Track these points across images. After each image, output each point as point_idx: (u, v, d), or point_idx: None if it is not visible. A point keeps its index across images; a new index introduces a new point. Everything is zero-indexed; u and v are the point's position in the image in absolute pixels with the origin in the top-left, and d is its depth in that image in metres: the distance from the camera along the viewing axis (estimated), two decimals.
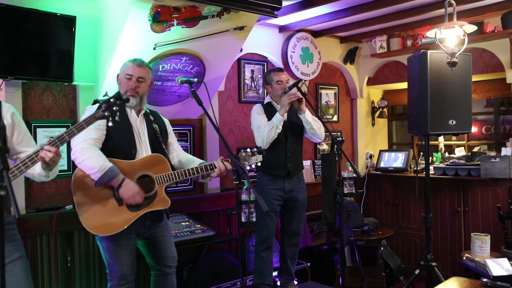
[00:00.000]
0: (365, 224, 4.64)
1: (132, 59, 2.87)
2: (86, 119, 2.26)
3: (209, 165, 2.81)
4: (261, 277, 3.74)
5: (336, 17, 4.41)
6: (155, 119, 2.98)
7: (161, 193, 2.77)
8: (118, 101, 2.30)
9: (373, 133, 6.12)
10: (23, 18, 3.11)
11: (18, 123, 2.35)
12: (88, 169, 2.58)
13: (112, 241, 2.70)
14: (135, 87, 2.77)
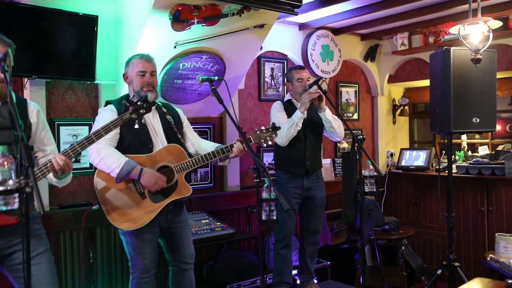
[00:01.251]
0: (386, 223, 4.59)
1: (138, 55, 2.89)
2: (114, 121, 2.32)
3: (224, 147, 2.81)
4: (280, 275, 3.73)
5: (356, 14, 4.37)
6: (168, 110, 3.00)
7: (182, 181, 2.79)
8: (145, 104, 2.36)
9: (394, 131, 6.05)
10: (47, 18, 3.16)
11: (42, 121, 2.40)
12: (106, 168, 2.61)
13: (135, 235, 2.73)
14: (151, 81, 2.80)
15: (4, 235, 2.14)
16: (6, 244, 2.17)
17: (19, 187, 1.71)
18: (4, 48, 2.15)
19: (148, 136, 2.80)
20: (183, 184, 2.80)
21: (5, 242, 2.16)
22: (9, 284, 3.08)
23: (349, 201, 3.36)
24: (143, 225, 2.67)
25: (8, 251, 2.18)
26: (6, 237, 2.15)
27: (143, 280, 2.80)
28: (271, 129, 2.88)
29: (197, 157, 2.80)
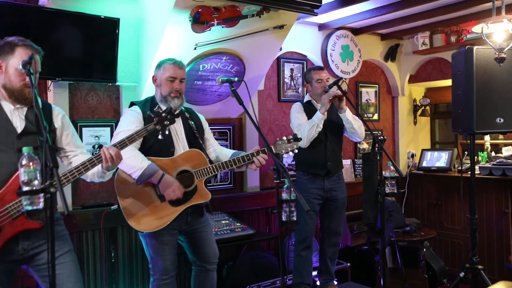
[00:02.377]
0: (407, 224, 4.54)
1: (171, 60, 2.89)
2: (138, 132, 2.37)
3: (245, 155, 2.81)
4: (300, 277, 3.73)
5: (376, 14, 4.33)
6: (191, 115, 3.02)
7: (201, 187, 2.80)
8: (169, 116, 2.39)
9: (415, 132, 5.98)
10: (70, 21, 3.21)
11: (67, 125, 2.44)
12: (128, 169, 2.64)
13: (155, 237, 2.76)
14: (180, 88, 2.81)
15: (29, 236, 2.18)
16: (32, 245, 2.21)
17: (44, 187, 1.74)
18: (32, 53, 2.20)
19: (170, 140, 2.82)
20: (202, 190, 2.81)
21: (30, 243, 2.21)
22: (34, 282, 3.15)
23: (369, 202, 3.34)
24: (161, 228, 2.69)
25: (34, 251, 2.23)
26: (31, 239, 2.20)
27: (164, 282, 2.82)
28: (292, 140, 2.86)
29: (217, 163, 2.81)
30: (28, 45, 2.23)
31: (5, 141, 2.17)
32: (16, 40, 2.22)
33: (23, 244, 2.19)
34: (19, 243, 2.18)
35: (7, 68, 2.20)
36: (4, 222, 2.09)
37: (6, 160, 2.14)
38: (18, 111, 2.25)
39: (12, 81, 2.19)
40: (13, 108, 2.24)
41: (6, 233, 2.10)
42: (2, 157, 2.15)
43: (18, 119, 2.23)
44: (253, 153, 2.80)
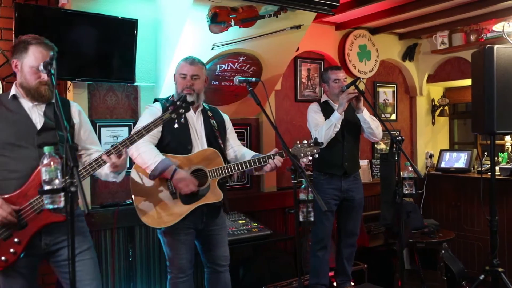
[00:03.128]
0: (425, 226, 4.49)
1: (184, 57, 2.91)
2: (154, 121, 2.36)
3: (262, 158, 2.80)
4: (317, 277, 3.72)
5: (394, 13, 4.30)
6: (214, 115, 3.01)
7: (214, 186, 2.81)
8: (184, 104, 2.40)
9: (433, 132, 5.91)
10: (89, 22, 3.25)
11: (84, 121, 2.47)
12: (143, 163, 2.67)
13: (172, 235, 2.78)
14: (190, 85, 2.82)
15: (51, 232, 2.22)
16: (53, 241, 2.25)
17: (64, 186, 1.77)
18: (46, 51, 2.23)
19: (188, 138, 2.84)
20: (215, 190, 2.81)
21: (53, 238, 2.24)
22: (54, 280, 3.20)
23: (387, 203, 3.31)
24: (172, 224, 2.71)
25: (55, 247, 2.27)
26: (53, 234, 2.23)
27: (180, 280, 2.84)
28: (313, 144, 2.84)
29: (232, 164, 2.81)
30: (42, 43, 2.24)
31: (26, 137, 2.21)
32: (29, 38, 2.24)
33: (45, 239, 2.23)
34: (42, 238, 2.22)
35: (22, 67, 2.24)
36: (29, 217, 2.14)
37: (28, 156, 2.19)
38: (37, 107, 2.29)
39: (27, 80, 2.23)
40: (31, 105, 2.28)
41: (32, 227, 2.15)
42: (23, 153, 2.19)
43: (37, 115, 2.27)
44: (270, 155, 2.79)
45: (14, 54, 2.25)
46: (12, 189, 2.17)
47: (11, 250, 2.13)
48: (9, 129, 2.20)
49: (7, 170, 2.19)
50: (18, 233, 2.14)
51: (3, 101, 2.26)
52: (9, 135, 2.19)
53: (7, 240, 2.13)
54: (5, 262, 2.14)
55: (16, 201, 2.14)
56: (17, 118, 2.23)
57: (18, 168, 2.18)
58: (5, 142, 2.19)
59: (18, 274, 2.21)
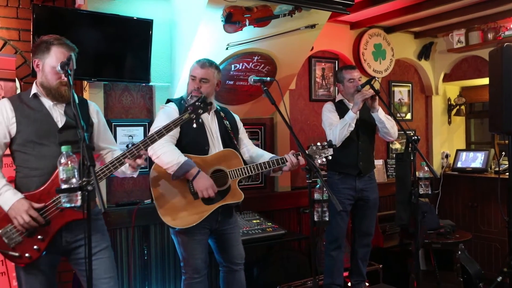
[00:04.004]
0: (441, 226, 4.44)
1: (197, 60, 2.92)
2: (174, 121, 2.39)
3: (280, 159, 2.82)
4: (331, 277, 3.70)
5: (410, 12, 4.26)
6: (226, 115, 3.03)
7: (235, 187, 2.82)
8: (202, 104, 2.42)
9: (449, 132, 5.85)
10: (105, 23, 3.28)
11: (101, 121, 2.50)
12: (165, 164, 2.67)
13: (187, 235, 2.78)
14: (198, 87, 2.83)
15: (71, 229, 2.25)
16: (73, 238, 2.28)
17: (81, 185, 1.79)
18: (68, 52, 2.25)
19: (205, 138, 2.85)
20: (236, 190, 2.83)
21: (73, 236, 2.27)
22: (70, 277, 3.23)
23: (402, 203, 3.29)
24: (192, 226, 2.71)
25: (74, 245, 2.29)
26: (72, 232, 2.26)
27: (195, 281, 2.84)
28: (327, 146, 2.85)
29: (252, 165, 2.82)
30: (63, 44, 2.27)
31: (48, 135, 2.24)
32: (51, 39, 2.27)
33: (66, 237, 2.26)
34: (62, 236, 2.25)
35: (43, 67, 2.27)
36: (53, 214, 2.17)
37: (50, 154, 2.21)
38: (57, 106, 2.32)
39: (48, 80, 2.26)
40: (52, 104, 2.31)
41: (55, 224, 2.18)
42: (45, 150, 2.22)
43: (58, 114, 2.30)
44: (289, 155, 2.79)
45: (35, 54, 2.29)
46: (33, 187, 2.20)
47: (34, 247, 2.17)
48: (31, 126, 2.23)
49: (28, 167, 2.23)
50: (42, 230, 2.17)
51: (24, 99, 2.29)
52: (31, 133, 2.23)
53: (31, 237, 2.16)
54: (29, 258, 2.17)
55: (40, 198, 2.17)
56: (38, 116, 2.26)
57: (40, 165, 2.21)
58: (27, 139, 2.22)
59: (38, 271, 2.24)
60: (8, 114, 2.23)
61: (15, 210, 2.10)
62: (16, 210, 2.10)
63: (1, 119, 2.23)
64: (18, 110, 2.24)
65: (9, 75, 2.92)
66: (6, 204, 2.13)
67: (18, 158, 2.26)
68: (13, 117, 2.23)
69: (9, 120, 2.23)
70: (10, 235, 2.15)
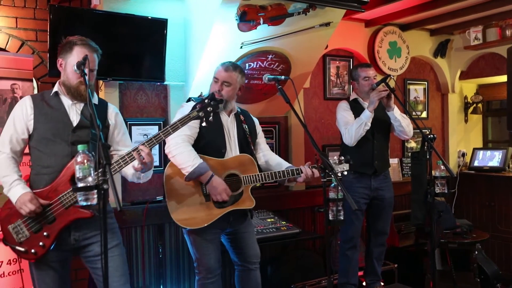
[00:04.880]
0: (457, 226, 4.39)
1: (223, 62, 2.92)
2: (181, 119, 2.35)
3: (295, 169, 2.81)
4: (346, 276, 3.68)
5: (426, 9, 4.21)
6: (246, 119, 3.02)
7: (247, 193, 2.82)
8: (212, 102, 2.38)
9: (466, 130, 5.77)
10: (120, 22, 3.30)
11: (120, 123, 2.52)
12: (180, 164, 2.68)
13: (198, 235, 2.79)
14: (218, 90, 2.83)
15: (80, 227, 2.28)
16: (82, 236, 2.31)
17: (97, 183, 1.81)
18: (90, 53, 2.29)
19: (223, 141, 2.85)
20: (248, 196, 2.83)
21: (81, 234, 2.30)
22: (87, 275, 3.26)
23: (418, 202, 3.26)
24: (201, 227, 2.72)
25: (84, 243, 2.32)
26: (82, 230, 2.29)
27: (209, 281, 2.84)
28: (344, 161, 2.83)
29: (267, 172, 2.82)
30: (86, 44, 2.32)
31: (61, 134, 2.28)
32: (75, 39, 2.32)
33: (74, 235, 2.29)
34: (71, 234, 2.28)
35: (66, 66, 2.32)
36: (58, 211, 2.21)
37: (60, 152, 2.26)
38: (76, 106, 2.35)
39: (69, 79, 2.30)
40: (71, 103, 2.35)
41: (60, 221, 2.22)
42: (57, 148, 2.26)
43: (74, 113, 2.34)
44: (304, 167, 2.78)
45: (60, 53, 2.35)
46: (43, 184, 2.25)
47: (40, 243, 2.21)
48: (47, 124, 2.28)
49: (40, 165, 2.28)
50: (47, 227, 2.21)
51: (45, 97, 2.35)
52: (46, 130, 2.28)
53: (37, 233, 2.22)
54: (35, 254, 2.22)
55: (47, 195, 2.22)
56: (56, 114, 2.31)
57: (51, 163, 2.26)
58: (42, 136, 2.28)
59: (49, 268, 2.28)
60: (27, 111, 2.29)
61: (20, 201, 2.17)
62: (21, 201, 2.17)
63: (21, 116, 2.30)
64: (38, 108, 2.30)
65: (27, 75, 2.97)
66: (14, 196, 2.20)
67: (33, 155, 2.32)
68: (31, 114, 2.29)
69: (28, 116, 2.29)
70: (19, 230, 2.23)
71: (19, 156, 2.35)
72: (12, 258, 2.84)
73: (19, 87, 2.93)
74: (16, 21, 3.24)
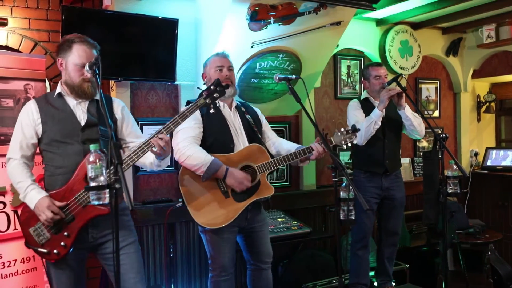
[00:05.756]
0: (470, 226, 4.36)
1: (213, 54, 2.92)
2: (189, 108, 2.34)
3: (306, 148, 2.78)
4: (357, 277, 3.67)
5: (438, 7, 4.17)
6: (247, 110, 3.02)
7: (264, 181, 2.80)
8: (218, 88, 2.36)
9: (479, 130, 5.72)
10: (131, 23, 3.32)
11: (127, 116, 2.52)
12: (193, 166, 2.66)
13: (215, 234, 2.78)
14: (229, 75, 2.83)
15: (97, 225, 2.29)
16: (99, 234, 2.32)
17: (109, 183, 1.82)
18: (89, 49, 2.29)
19: (229, 136, 2.83)
20: (265, 184, 2.81)
21: (98, 231, 2.31)
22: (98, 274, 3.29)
23: (430, 202, 3.24)
24: (227, 223, 2.70)
25: (101, 240, 2.33)
26: (98, 227, 2.30)
27: (223, 279, 2.84)
28: (351, 131, 2.81)
29: (279, 157, 2.79)
30: (84, 41, 2.31)
31: (71, 134, 2.29)
32: (73, 37, 2.32)
33: (92, 233, 2.30)
34: (89, 232, 2.30)
35: (66, 65, 2.32)
36: (76, 210, 2.22)
37: (72, 152, 2.27)
38: (81, 105, 2.36)
39: (71, 77, 2.30)
40: (75, 102, 2.35)
41: (79, 220, 2.23)
42: (68, 149, 2.28)
43: (81, 112, 2.35)
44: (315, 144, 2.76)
45: (59, 53, 2.34)
46: (58, 184, 2.26)
47: (62, 243, 2.23)
48: (55, 126, 2.29)
49: (54, 166, 2.29)
50: (67, 226, 2.23)
51: (49, 99, 2.35)
52: (55, 132, 2.29)
53: (58, 234, 2.23)
54: (57, 255, 2.24)
55: (63, 196, 2.23)
56: (63, 116, 2.31)
57: (64, 163, 2.27)
58: (52, 139, 2.29)
59: (67, 266, 2.30)
60: (34, 115, 2.30)
61: (39, 208, 2.19)
62: (40, 208, 2.19)
63: (28, 121, 2.31)
64: (43, 111, 2.31)
65: (39, 75, 3.00)
66: (32, 202, 2.22)
67: (45, 157, 2.34)
68: (38, 118, 2.30)
69: (35, 121, 2.30)
70: (39, 232, 2.25)
71: (30, 161, 2.37)
72: (26, 256, 2.87)
73: (32, 88, 2.96)
74: (29, 22, 3.28)
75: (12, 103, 2.88)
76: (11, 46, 3.21)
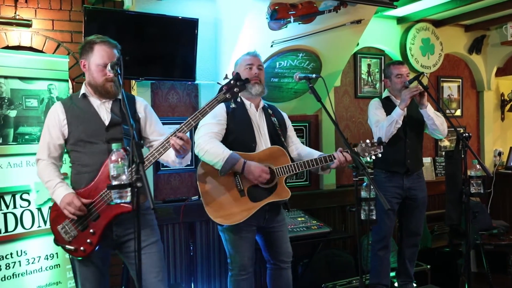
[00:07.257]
0: (494, 227, 4.28)
1: (245, 53, 2.92)
2: (209, 103, 2.35)
3: (328, 156, 2.76)
4: (378, 277, 3.63)
5: (460, 4, 4.11)
6: (274, 112, 3.01)
7: (282, 184, 2.79)
8: (238, 83, 2.35)
9: (503, 129, 5.61)
10: (152, 23, 3.35)
11: (150, 114, 2.54)
12: (211, 160, 2.67)
13: (234, 233, 2.79)
14: (258, 74, 2.83)
15: (121, 223, 2.32)
16: (123, 232, 2.35)
17: (131, 181, 1.83)
18: (110, 49, 2.33)
19: (252, 135, 2.84)
20: (282, 187, 2.80)
21: (122, 230, 2.34)
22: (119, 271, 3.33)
23: (453, 203, 3.19)
24: (238, 223, 2.71)
25: (124, 238, 2.36)
26: (122, 225, 2.33)
27: (242, 277, 2.84)
28: (376, 143, 2.77)
29: (299, 162, 2.78)
30: (105, 41, 2.35)
31: (96, 133, 2.33)
32: (94, 38, 2.36)
33: (116, 231, 2.34)
34: (113, 230, 2.33)
35: (89, 66, 2.35)
36: (101, 208, 2.25)
37: (98, 151, 2.31)
38: (104, 105, 2.40)
39: (94, 78, 2.34)
40: (99, 102, 2.39)
41: (104, 218, 2.26)
42: (94, 148, 2.32)
43: (105, 112, 2.38)
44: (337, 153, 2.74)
45: (81, 55, 2.38)
46: (84, 183, 2.30)
47: (88, 240, 2.27)
48: (80, 126, 2.34)
49: (80, 164, 2.34)
50: (93, 224, 2.27)
51: (74, 100, 2.41)
52: (80, 132, 2.33)
53: (84, 231, 2.27)
54: (84, 252, 2.28)
55: (89, 194, 2.27)
56: (87, 116, 2.36)
57: (90, 162, 2.31)
58: (77, 139, 2.33)
59: (91, 263, 2.34)
60: (60, 117, 2.35)
61: (64, 202, 2.24)
62: (64, 202, 2.24)
63: (54, 123, 2.36)
64: (69, 112, 2.36)
65: (62, 75, 3.05)
66: (58, 198, 2.27)
67: (72, 156, 2.39)
68: (64, 119, 2.35)
69: (61, 122, 2.35)
70: (67, 229, 2.29)
71: (58, 161, 2.43)
72: (49, 253, 2.92)
73: (55, 88, 3.01)
74: (53, 23, 3.33)
75: (36, 103, 2.94)
76: (35, 47, 3.26)
